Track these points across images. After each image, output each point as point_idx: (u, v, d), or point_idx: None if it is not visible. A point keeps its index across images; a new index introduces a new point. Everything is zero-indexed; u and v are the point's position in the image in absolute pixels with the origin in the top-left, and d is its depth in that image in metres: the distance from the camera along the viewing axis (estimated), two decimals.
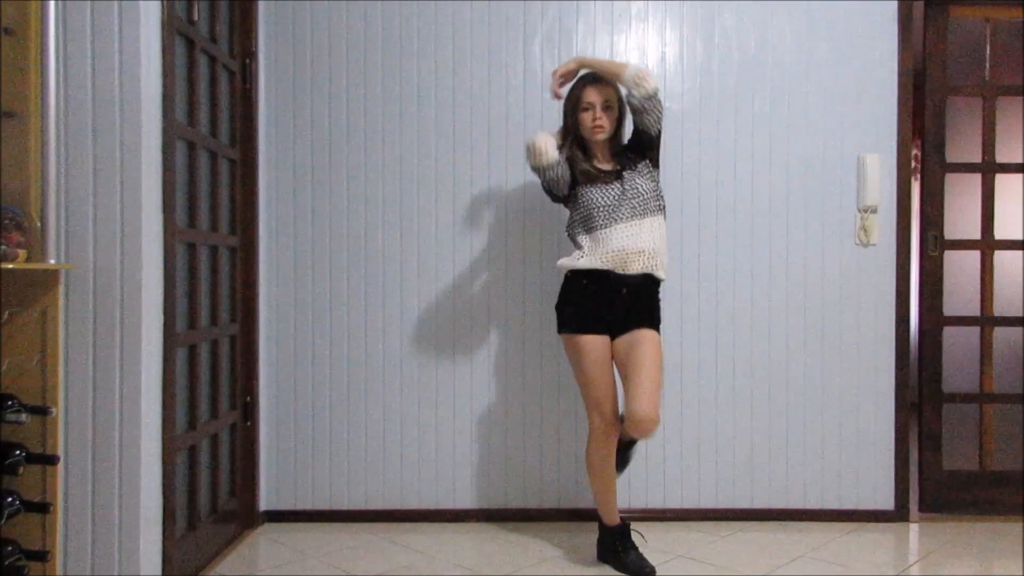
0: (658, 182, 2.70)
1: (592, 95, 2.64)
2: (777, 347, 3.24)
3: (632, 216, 2.60)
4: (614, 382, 2.65)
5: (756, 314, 3.24)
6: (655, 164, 2.72)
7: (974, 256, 3.40)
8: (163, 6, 2.28)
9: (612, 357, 2.65)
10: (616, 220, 2.59)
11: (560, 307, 2.70)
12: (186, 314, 2.57)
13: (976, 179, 3.40)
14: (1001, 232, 3.39)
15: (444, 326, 3.22)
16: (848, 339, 3.24)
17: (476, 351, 3.22)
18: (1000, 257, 3.41)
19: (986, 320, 3.38)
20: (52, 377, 2.07)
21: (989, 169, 3.37)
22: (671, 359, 3.22)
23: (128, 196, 2.17)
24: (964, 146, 3.46)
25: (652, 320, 2.65)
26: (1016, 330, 3.41)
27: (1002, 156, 3.39)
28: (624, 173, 2.64)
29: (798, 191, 3.24)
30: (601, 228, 2.60)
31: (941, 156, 3.33)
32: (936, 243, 3.33)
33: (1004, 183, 3.42)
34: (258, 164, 3.13)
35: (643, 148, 2.70)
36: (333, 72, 3.20)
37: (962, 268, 3.45)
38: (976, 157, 3.38)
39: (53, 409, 2.02)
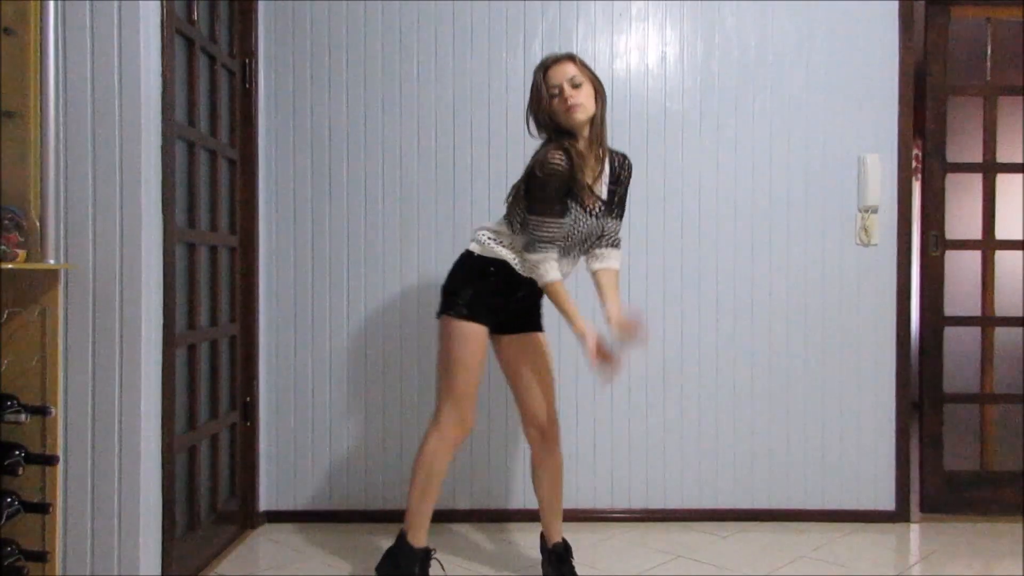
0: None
1: (555, 77, 2.32)
2: (778, 347, 3.23)
3: (581, 249, 2.44)
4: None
5: (756, 314, 3.23)
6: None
7: (975, 256, 3.40)
8: (163, 6, 2.28)
9: (497, 355, 2.53)
10: (571, 251, 2.41)
11: (454, 289, 2.43)
12: (186, 314, 2.57)
13: (977, 179, 3.39)
14: (1002, 232, 3.38)
15: None
16: (849, 339, 3.23)
17: None
18: (1001, 257, 3.40)
19: (987, 320, 3.38)
20: (52, 377, 2.07)
21: (990, 169, 3.37)
22: (671, 361, 3.22)
23: (128, 196, 2.17)
24: (965, 146, 3.46)
25: (540, 323, 2.55)
26: (1017, 330, 3.40)
27: (1003, 156, 3.38)
28: (608, 208, 2.43)
29: (798, 191, 3.23)
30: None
31: (942, 156, 3.33)
32: (937, 243, 3.33)
33: (1005, 183, 3.42)
34: (258, 164, 3.13)
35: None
36: (333, 72, 3.20)
37: (963, 268, 3.44)
38: (977, 157, 3.38)
39: (53, 409, 2.02)
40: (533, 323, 2.53)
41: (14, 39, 2.02)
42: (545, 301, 2.46)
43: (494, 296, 2.41)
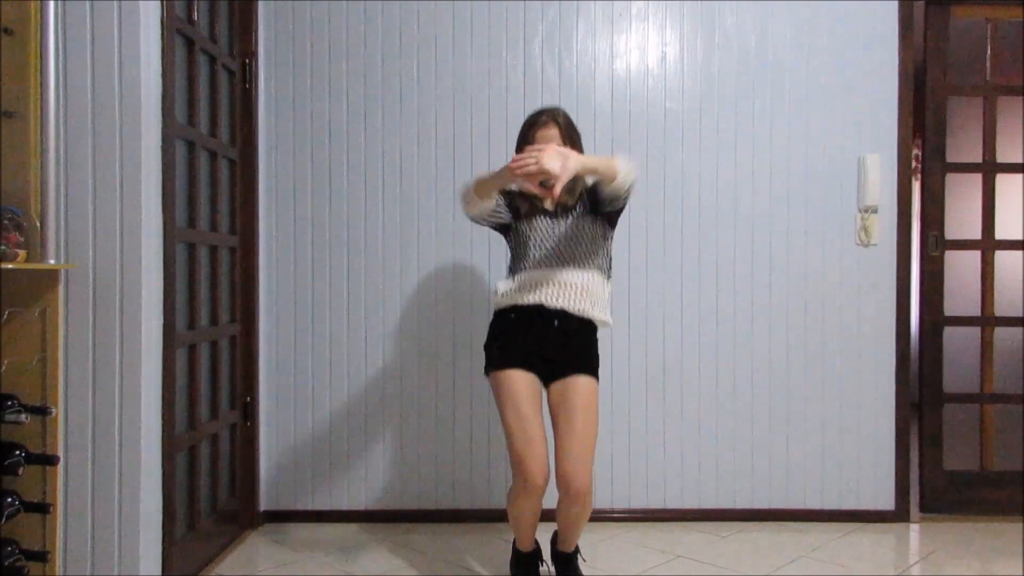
0: (609, 241, 2.43)
1: (539, 139, 2.30)
2: (777, 347, 3.23)
3: (570, 260, 2.34)
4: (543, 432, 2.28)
5: (756, 314, 3.23)
6: (612, 226, 2.43)
7: (975, 256, 3.40)
8: (163, 6, 2.28)
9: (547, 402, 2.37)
10: (550, 259, 2.34)
11: (487, 344, 2.40)
12: (186, 314, 2.57)
13: (977, 179, 3.39)
14: (1002, 232, 3.39)
15: (444, 326, 3.21)
16: (848, 339, 3.23)
17: (475, 352, 3.21)
18: (1001, 257, 3.41)
19: (987, 320, 3.38)
20: (52, 377, 2.07)
21: (990, 169, 3.37)
22: (671, 360, 3.22)
23: (127, 196, 2.17)
24: (965, 146, 3.46)
25: (588, 365, 2.35)
26: (1016, 330, 3.41)
27: (1003, 156, 3.38)
28: (573, 212, 2.38)
29: (799, 191, 3.23)
30: (532, 266, 2.34)
31: (942, 156, 3.33)
32: (936, 243, 3.33)
33: (1005, 183, 3.42)
34: (258, 164, 3.13)
35: (603, 210, 2.38)
36: (333, 72, 3.20)
37: (963, 268, 3.44)
38: (977, 157, 3.38)
39: (53, 409, 2.02)
40: (574, 366, 2.33)
41: (14, 39, 2.02)
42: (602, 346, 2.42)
43: (524, 339, 2.33)
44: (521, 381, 2.30)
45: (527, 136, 2.35)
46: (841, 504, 3.23)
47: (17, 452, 1.97)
